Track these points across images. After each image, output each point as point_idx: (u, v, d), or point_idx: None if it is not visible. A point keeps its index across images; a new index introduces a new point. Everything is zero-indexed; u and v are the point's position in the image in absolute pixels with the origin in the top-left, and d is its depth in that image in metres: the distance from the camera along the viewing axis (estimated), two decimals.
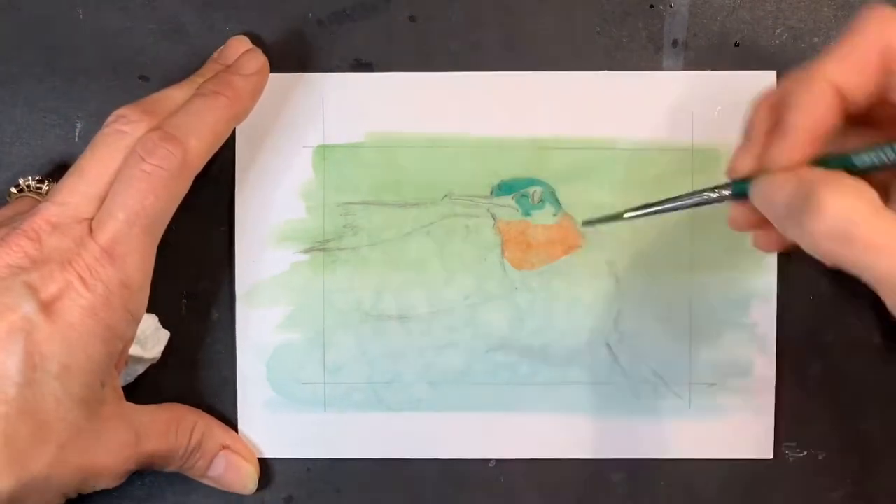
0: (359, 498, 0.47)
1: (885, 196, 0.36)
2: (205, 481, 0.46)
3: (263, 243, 0.46)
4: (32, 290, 0.38)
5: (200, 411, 0.45)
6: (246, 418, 0.46)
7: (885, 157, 0.35)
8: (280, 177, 0.46)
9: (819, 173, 0.35)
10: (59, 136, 0.47)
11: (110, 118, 0.41)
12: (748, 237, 0.42)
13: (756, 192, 0.37)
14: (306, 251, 0.46)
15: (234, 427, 0.46)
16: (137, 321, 0.41)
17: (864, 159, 0.36)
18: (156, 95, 0.42)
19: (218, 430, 0.45)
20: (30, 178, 0.45)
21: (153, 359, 0.45)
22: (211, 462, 0.45)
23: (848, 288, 0.46)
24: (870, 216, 0.32)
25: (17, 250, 0.39)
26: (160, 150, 0.40)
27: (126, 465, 0.42)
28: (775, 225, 0.36)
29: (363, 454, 0.47)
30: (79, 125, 0.47)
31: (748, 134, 0.39)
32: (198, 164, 0.41)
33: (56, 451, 0.39)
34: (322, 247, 0.46)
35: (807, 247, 0.34)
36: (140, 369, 0.45)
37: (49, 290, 0.38)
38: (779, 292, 0.46)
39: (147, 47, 0.47)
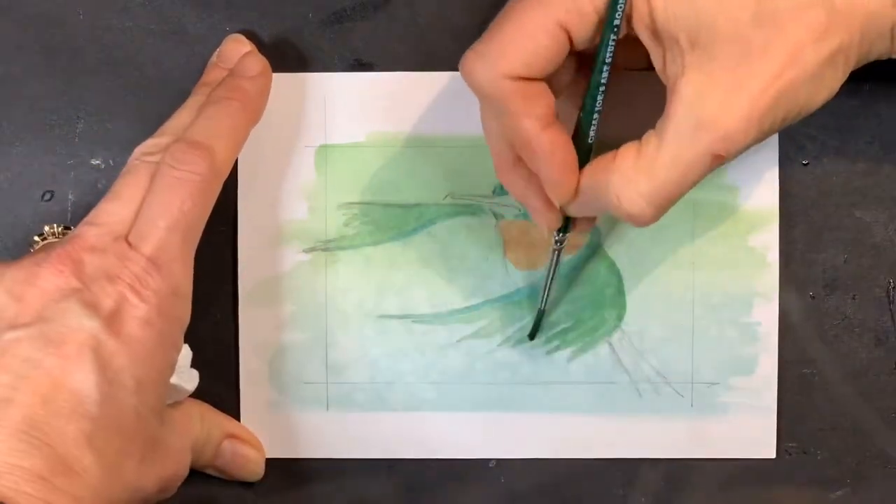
0: (359, 498, 0.47)
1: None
2: (209, 471, 0.45)
3: (266, 243, 0.46)
4: (91, 307, 0.38)
5: (197, 400, 0.45)
6: (248, 418, 0.46)
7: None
8: (282, 177, 0.46)
9: (590, 180, 0.40)
10: (59, 136, 0.46)
11: (136, 152, 0.41)
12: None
13: (575, 212, 0.42)
14: (308, 251, 0.46)
15: None
16: (185, 328, 0.41)
17: (591, 134, 0.41)
18: (170, 123, 0.43)
19: (219, 417, 0.45)
20: (55, 225, 0.45)
21: (187, 392, 0.44)
22: (217, 450, 0.45)
23: (849, 287, 0.47)
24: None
25: (62, 271, 0.38)
26: (189, 156, 0.40)
27: (186, 471, 0.42)
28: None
29: (365, 454, 0.47)
30: (79, 125, 0.46)
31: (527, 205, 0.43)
32: (226, 169, 0.41)
33: (138, 465, 0.38)
34: (324, 247, 0.46)
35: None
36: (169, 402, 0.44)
37: (106, 305, 0.38)
38: (780, 291, 0.46)
39: (147, 47, 0.46)
